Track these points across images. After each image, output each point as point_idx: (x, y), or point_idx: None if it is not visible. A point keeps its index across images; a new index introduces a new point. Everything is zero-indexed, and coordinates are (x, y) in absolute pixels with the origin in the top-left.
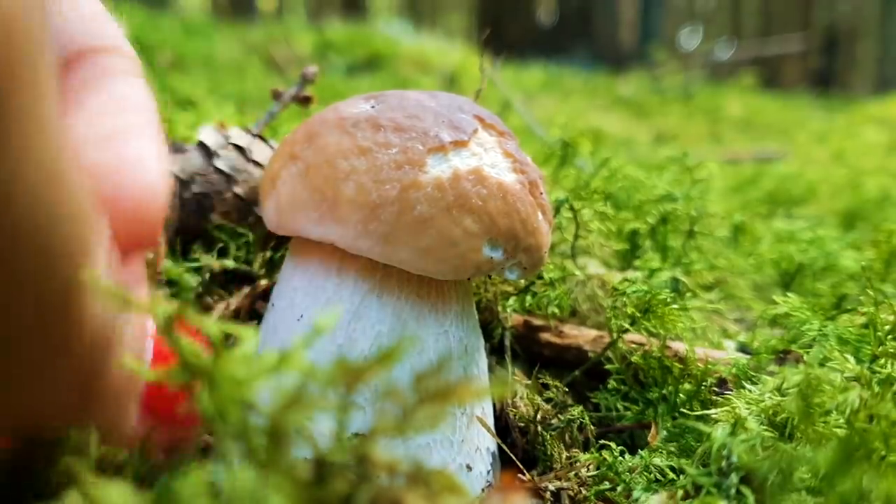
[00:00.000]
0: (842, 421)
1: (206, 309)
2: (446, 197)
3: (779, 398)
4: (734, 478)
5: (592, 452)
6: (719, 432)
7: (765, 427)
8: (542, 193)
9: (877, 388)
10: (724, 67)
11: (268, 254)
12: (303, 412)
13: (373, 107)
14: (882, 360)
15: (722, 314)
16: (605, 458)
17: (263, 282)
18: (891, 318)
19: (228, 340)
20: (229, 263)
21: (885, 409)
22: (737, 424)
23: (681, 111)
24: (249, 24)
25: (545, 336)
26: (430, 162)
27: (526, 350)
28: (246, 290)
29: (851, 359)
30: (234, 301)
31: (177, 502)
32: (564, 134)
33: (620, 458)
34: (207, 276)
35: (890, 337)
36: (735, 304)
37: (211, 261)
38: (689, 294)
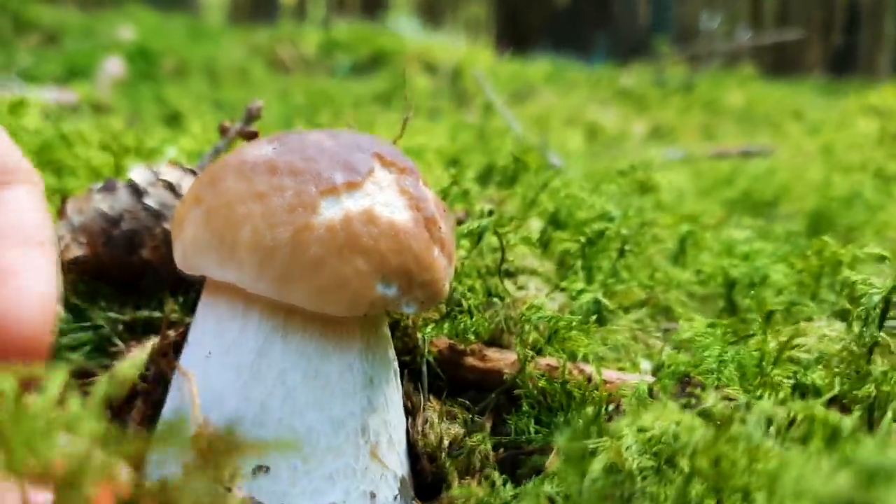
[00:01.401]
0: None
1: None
2: (337, 238)
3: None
4: None
5: (476, 486)
6: (595, 465)
7: (648, 456)
8: (440, 228)
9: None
10: (742, 52)
11: (180, 298)
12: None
13: (273, 149)
14: (763, 391)
15: (648, 332)
16: (483, 493)
17: (173, 329)
18: (777, 344)
19: None
20: (139, 315)
21: (723, 450)
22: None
23: (679, 104)
24: (269, 23)
25: (469, 360)
26: (324, 204)
27: (451, 374)
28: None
29: (712, 394)
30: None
31: None
32: (516, 149)
33: (502, 486)
34: (120, 326)
35: (773, 366)
36: (673, 318)
37: (117, 314)
38: (610, 314)
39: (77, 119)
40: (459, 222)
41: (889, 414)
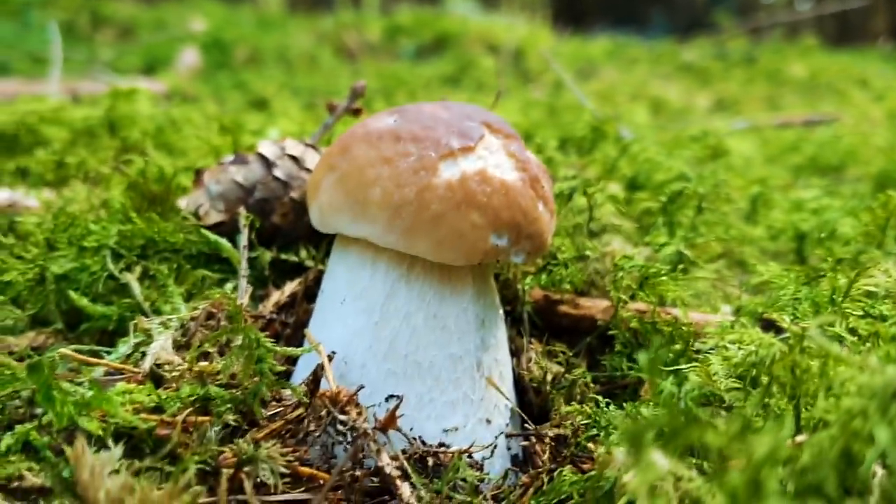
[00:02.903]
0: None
1: (265, 296)
2: (455, 196)
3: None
4: None
5: (582, 406)
6: (668, 386)
7: (733, 380)
8: (543, 187)
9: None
10: (804, 22)
11: (312, 249)
12: None
13: (395, 121)
14: (836, 319)
15: (725, 281)
16: (590, 411)
17: (312, 272)
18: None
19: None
20: (283, 255)
21: (797, 358)
22: (681, 382)
23: (742, 76)
24: (328, 9)
25: (563, 308)
26: (442, 167)
27: (547, 321)
28: (299, 278)
29: (787, 319)
30: (289, 287)
31: None
32: (594, 120)
33: (605, 409)
34: (267, 265)
35: (844, 300)
36: (748, 270)
37: (266, 252)
38: (691, 265)
39: (174, 106)
40: None
41: None
